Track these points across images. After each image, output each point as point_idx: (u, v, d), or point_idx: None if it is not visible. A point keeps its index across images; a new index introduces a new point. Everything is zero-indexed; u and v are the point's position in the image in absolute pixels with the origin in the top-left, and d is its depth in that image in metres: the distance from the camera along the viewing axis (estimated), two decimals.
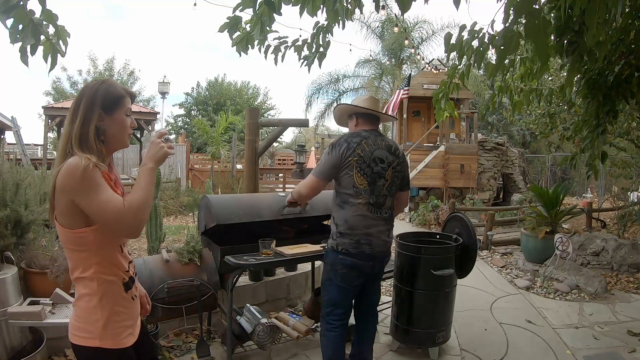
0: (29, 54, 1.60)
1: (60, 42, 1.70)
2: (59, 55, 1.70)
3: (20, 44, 1.57)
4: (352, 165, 2.16)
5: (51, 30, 1.66)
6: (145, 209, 1.25)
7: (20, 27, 1.55)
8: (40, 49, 1.64)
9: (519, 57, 3.04)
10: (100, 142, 1.27)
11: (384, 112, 2.53)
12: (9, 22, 1.53)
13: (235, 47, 2.24)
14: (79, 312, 1.30)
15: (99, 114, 1.26)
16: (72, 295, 2.90)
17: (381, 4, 2.57)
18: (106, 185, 1.22)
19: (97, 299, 1.28)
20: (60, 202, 1.21)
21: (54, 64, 1.70)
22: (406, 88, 10.18)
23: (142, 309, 1.55)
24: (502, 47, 1.53)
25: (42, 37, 1.62)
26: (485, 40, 2.20)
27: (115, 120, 1.30)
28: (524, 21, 1.54)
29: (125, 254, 1.38)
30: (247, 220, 2.86)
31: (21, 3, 1.52)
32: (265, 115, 25.03)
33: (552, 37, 2.30)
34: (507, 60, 2.51)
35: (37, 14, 1.59)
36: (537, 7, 1.59)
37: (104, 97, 1.27)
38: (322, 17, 2.15)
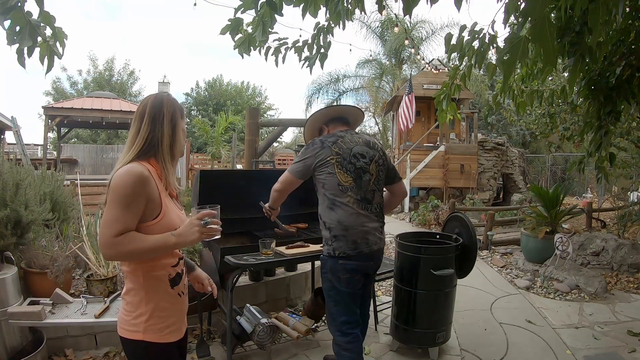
0: (26, 55, 1.59)
1: (58, 44, 1.68)
2: (56, 57, 1.69)
3: (17, 45, 1.56)
4: (332, 164, 2.12)
5: (48, 32, 1.64)
6: (127, 258, 1.25)
7: (18, 28, 1.53)
8: (37, 50, 1.63)
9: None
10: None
11: (406, 124, 2.52)
12: (7, 23, 1.51)
13: (237, 49, 2.24)
14: (125, 305, 1.32)
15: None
16: (72, 295, 2.92)
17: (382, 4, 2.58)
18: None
19: (143, 293, 1.29)
20: None
21: (50, 66, 1.68)
22: (411, 93, 10.14)
23: (203, 288, 1.57)
24: (508, 55, 1.46)
25: (39, 39, 1.61)
26: (486, 40, 2.20)
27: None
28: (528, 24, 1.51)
29: (173, 250, 1.35)
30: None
31: (19, 4, 1.50)
32: (265, 115, 25.02)
33: None
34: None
35: (35, 16, 1.58)
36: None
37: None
38: (322, 17, 2.15)
